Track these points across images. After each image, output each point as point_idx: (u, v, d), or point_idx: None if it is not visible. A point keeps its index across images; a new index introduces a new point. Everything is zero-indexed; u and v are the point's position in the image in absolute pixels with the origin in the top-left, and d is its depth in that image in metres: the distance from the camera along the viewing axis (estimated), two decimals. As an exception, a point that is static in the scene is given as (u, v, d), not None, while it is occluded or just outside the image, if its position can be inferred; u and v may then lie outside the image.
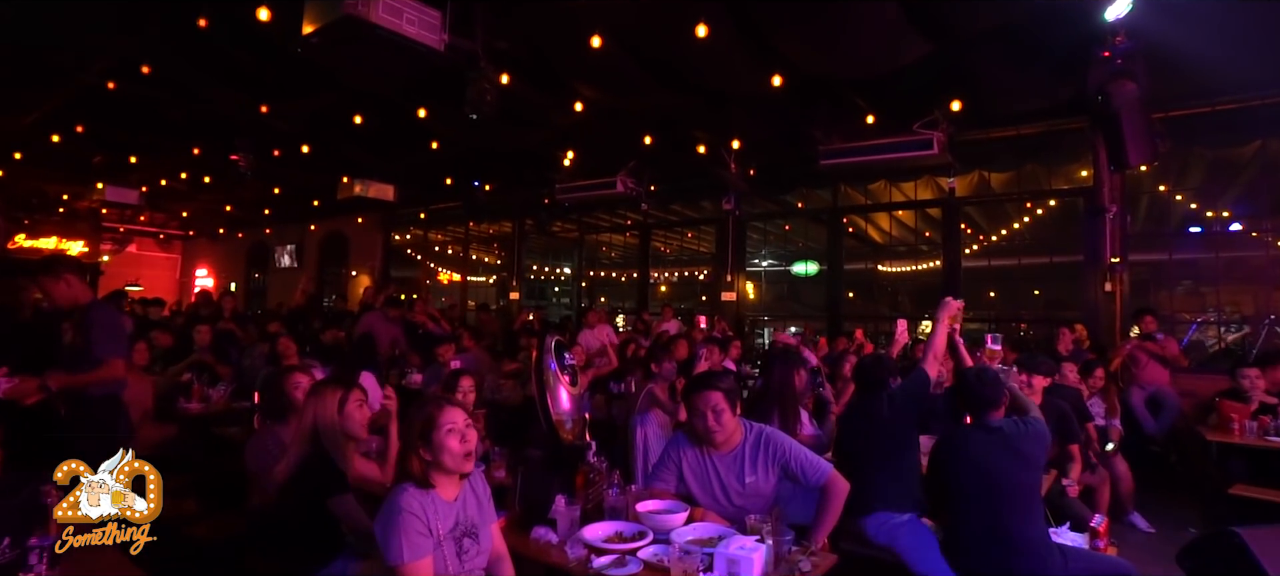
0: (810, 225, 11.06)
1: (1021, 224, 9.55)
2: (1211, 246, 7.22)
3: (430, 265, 15.64)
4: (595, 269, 13.66)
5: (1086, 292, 7.25)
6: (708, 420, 2.65)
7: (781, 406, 3.72)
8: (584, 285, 13.32)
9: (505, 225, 13.50)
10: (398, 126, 8.52)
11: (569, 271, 16.33)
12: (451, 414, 2.13)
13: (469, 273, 14.67)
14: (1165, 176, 7.64)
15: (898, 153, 7.48)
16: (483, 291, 15.16)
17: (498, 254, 15.12)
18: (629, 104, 7.45)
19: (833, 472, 2.62)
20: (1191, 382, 6.41)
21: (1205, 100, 6.60)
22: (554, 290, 18.38)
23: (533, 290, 16.02)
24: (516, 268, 12.81)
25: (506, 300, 12.98)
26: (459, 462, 2.11)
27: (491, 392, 6.18)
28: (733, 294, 9.95)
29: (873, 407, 3.30)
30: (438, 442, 2.09)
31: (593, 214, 12.25)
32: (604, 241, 13.15)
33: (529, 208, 12.50)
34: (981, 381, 3.00)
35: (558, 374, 4.53)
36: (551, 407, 4.30)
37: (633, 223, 11.91)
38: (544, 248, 15.57)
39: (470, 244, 14.37)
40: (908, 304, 14.90)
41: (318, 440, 2.66)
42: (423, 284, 14.97)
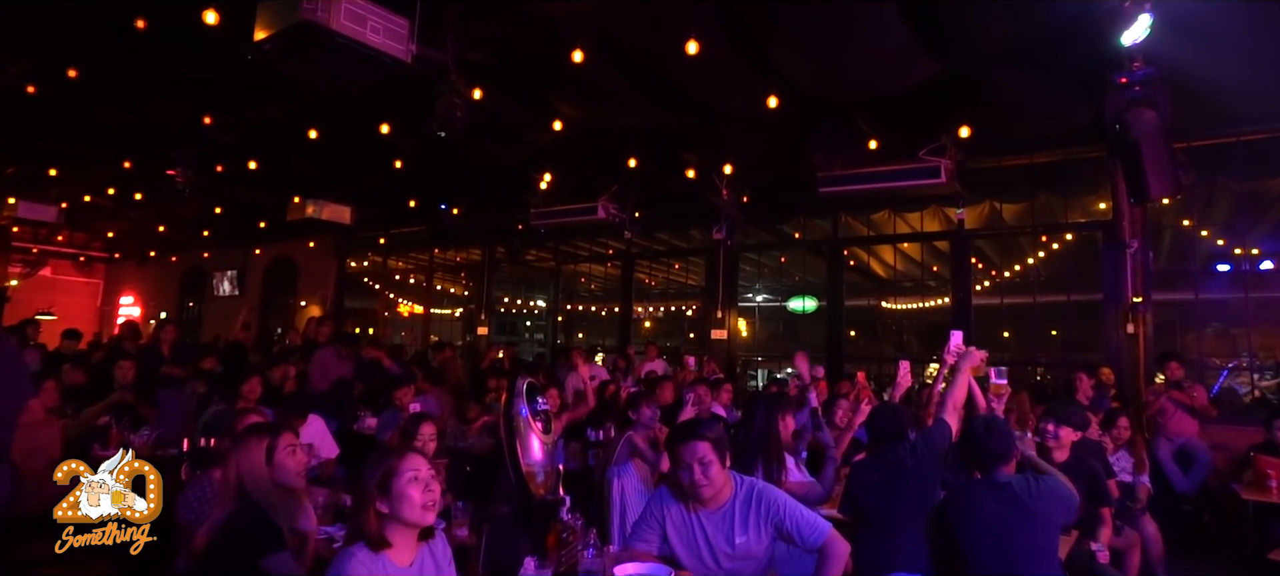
0: (808, 257, 11.12)
1: (1036, 259, 9.68)
2: (1241, 286, 7.35)
3: (389, 295, 15.55)
4: (573, 302, 13.59)
5: (1108, 334, 7.33)
6: (694, 473, 2.61)
7: (765, 454, 3.70)
8: (560, 320, 13.23)
9: (474, 252, 13.45)
10: (357, 142, 8.48)
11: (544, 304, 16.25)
12: (413, 461, 2.13)
13: (433, 304, 14.57)
14: (1189, 210, 7.81)
15: (903, 180, 7.57)
16: (447, 325, 15.02)
17: (465, 284, 15.03)
18: (613, 122, 7.48)
19: (832, 533, 2.59)
20: (1223, 434, 6.45)
21: (1232, 129, 6.78)
22: (526, 325, 18.29)
23: (503, 325, 15.92)
24: (485, 300, 12.72)
25: (474, 335, 12.87)
26: (420, 514, 2.09)
27: (455, 440, 6.12)
28: (723, 331, 9.93)
29: (895, 458, 3.29)
30: (398, 492, 2.07)
31: (571, 241, 12.23)
32: (583, 272, 13.13)
33: (501, 234, 12.47)
34: (990, 433, 2.98)
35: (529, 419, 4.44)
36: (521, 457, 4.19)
37: (614, 252, 11.90)
38: (516, 278, 15.50)
39: (435, 273, 14.28)
40: (914, 344, 14.99)
41: (246, 494, 2.60)
42: (380, 316, 14.81)
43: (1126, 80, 5.29)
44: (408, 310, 16.25)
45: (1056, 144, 7.46)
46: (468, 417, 6.50)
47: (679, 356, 9.49)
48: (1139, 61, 5.18)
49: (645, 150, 8.36)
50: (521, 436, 4.44)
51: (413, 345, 13.61)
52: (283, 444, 2.76)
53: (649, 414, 4.58)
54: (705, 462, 2.62)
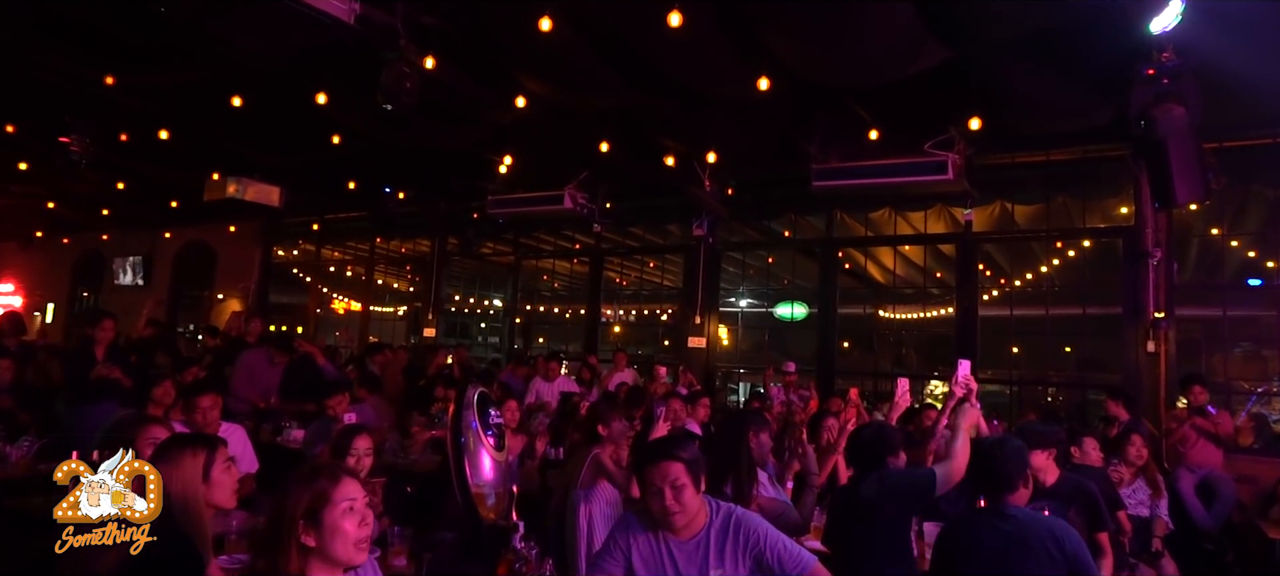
0: (799, 259, 11.17)
1: (1050, 267, 9.82)
2: (1273, 302, 7.53)
3: (323, 290, 15.36)
4: (533, 302, 13.52)
5: (1126, 352, 7.46)
6: (665, 498, 2.59)
7: (736, 472, 3.76)
8: (519, 321, 13.15)
9: (422, 244, 13.34)
10: (289, 114, 8.33)
11: (500, 304, 16.16)
12: (349, 487, 2.04)
13: (373, 301, 14.44)
14: (1218, 218, 7.97)
15: (906, 176, 7.63)
16: (390, 325, 14.87)
17: (411, 279, 14.89)
18: (583, 102, 7.43)
19: (817, 567, 2.60)
20: (1250, 466, 6.59)
21: (1266, 130, 6.95)
22: (480, 327, 18.17)
23: (454, 326, 15.83)
24: (434, 297, 12.61)
25: (420, 337, 12.74)
26: (353, 552, 2.01)
27: (394, 456, 6.09)
28: (702, 339, 9.93)
29: (859, 487, 3.33)
30: (330, 525, 1.98)
31: (533, 234, 12.18)
32: (546, 269, 13.06)
33: (453, 223, 12.40)
34: (1000, 455, 2.99)
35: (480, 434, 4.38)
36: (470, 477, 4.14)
37: (582, 247, 11.86)
38: (470, 274, 15.38)
39: (376, 265, 14.16)
40: (913, 358, 15.16)
41: (168, 517, 2.48)
42: (312, 313, 14.61)
43: (1154, 72, 5.37)
44: (344, 307, 16.09)
45: (1075, 141, 7.57)
46: (410, 431, 6.45)
47: (651, 366, 9.45)
48: (1168, 53, 5.26)
49: (619, 134, 8.33)
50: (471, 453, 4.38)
51: (349, 347, 13.42)
52: (219, 460, 2.69)
53: (619, 427, 4.53)
54: (678, 486, 2.60)
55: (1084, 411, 9.12)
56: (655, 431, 4.50)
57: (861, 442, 3.49)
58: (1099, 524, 4.01)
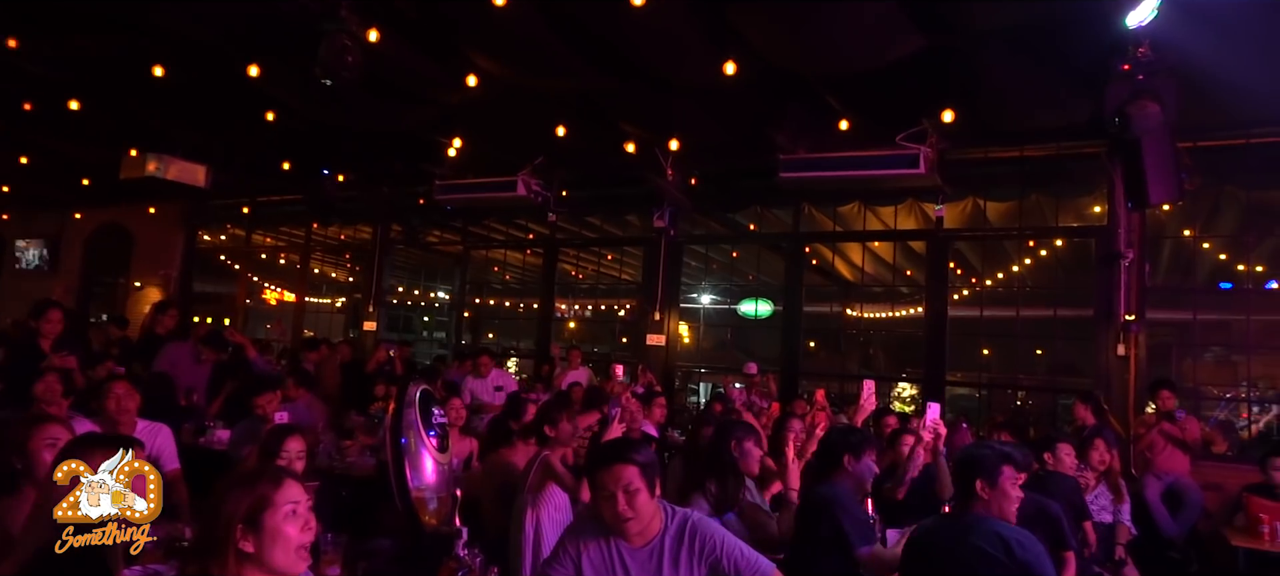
0: (764, 253, 11.28)
1: (1022, 267, 10.09)
2: (1243, 306, 7.83)
3: (253, 279, 15.12)
4: (483, 295, 13.43)
5: (1097, 355, 7.69)
6: (618, 504, 2.60)
7: (720, 474, 3.85)
8: (467, 315, 13.08)
9: (363, 230, 13.19)
10: (217, 87, 8.15)
11: (447, 297, 16.03)
12: (291, 489, 2.04)
13: (308, 292, 14.25)
14: (1192, 220, 8.27)
15: (877, 168, 7.74)
16: (326, 319, 14.67)
17: (350, 269, 14.71)
18: (540, 83, 7.38)
19: (774, 574, 2.65)
20: (1217, 473, 6.86)
21: (1241, 131, 7.18)
22: (424, 321, 18.01)
23: (396, 320, 15.65)
24: (375, 289, 12.46)
25: (359, 331, 12.59)
26: (293, 560, 2.01)
27: (329, 458, 6.07)
28: (661, 337, 9.97)
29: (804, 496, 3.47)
30: (271, 529, 1.97)
31: (483, 223, 12.11)
32: (496, 260, 12.99)
33: (397, 209, 12.27)
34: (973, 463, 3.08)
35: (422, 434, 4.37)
36: (410, 480, 4.13)
37: (536, 237, 11.83)
38: (415, 264, 15.25)
39: (312, 253, 13.96)
40: (881, 359, 15.43)
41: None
42: (241, 304, 14.34)
43: (1130, 67, 5.54)
44: (276, 298, 15.92)
45: (1050, 137, 7.76)
46: (347, 431, 6.41)
47: (608, 365, 9.46)
48: (1145, 48, 5.44)
49: (578, 119, 8.30)
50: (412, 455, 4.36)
51: (282, 341, 13.19)
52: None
53: (568, 429, 4.54)
54: (632, 491, 2.61)
55: (1054, 416, 9.39)
56: (609, 432, 4.51)
57: (822, 444, 3.64)
58: (1062, 543, 4.13)
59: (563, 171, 10.03)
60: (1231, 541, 5.33)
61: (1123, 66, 5.63)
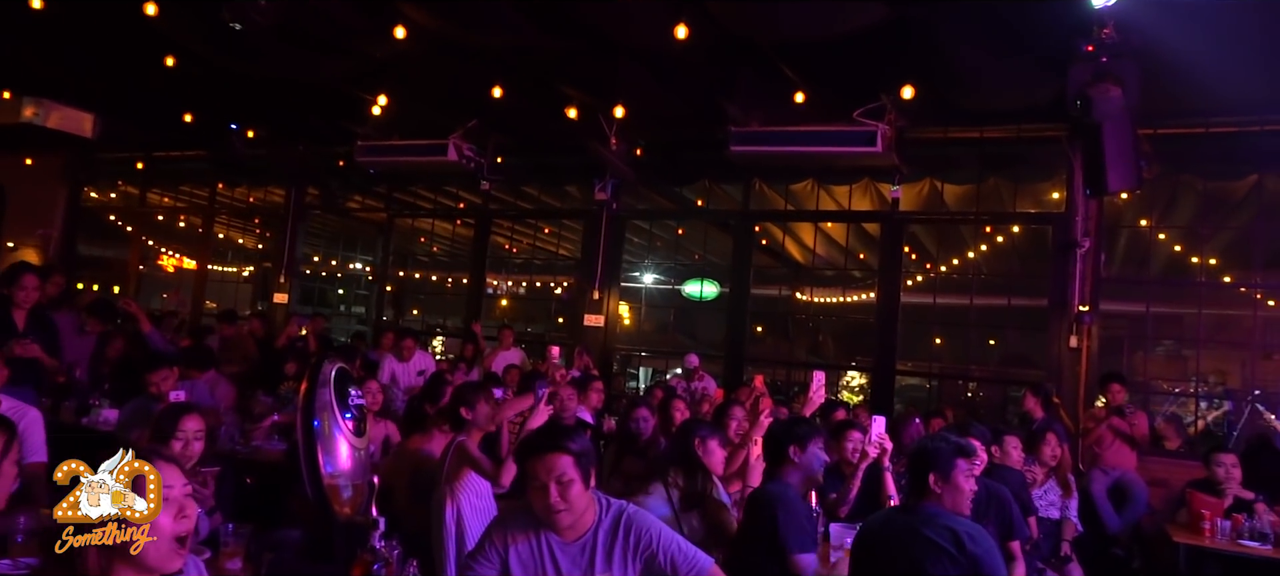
0: (712, 231, 11.37)
1: (978, 253, 10.40)
2: (1195, 299, 8.21)
3: (147, 243, 14.76)
4: (407, 268, 13.28)
5: (1050, 346, 7.97)
6: (551, 495, 2.60)
7: (687, 470, 3.92)
8: (389, 289, 12.91)
9: (274, 193, 12.92)
10: (108, 25, 7.89)
11: (368, 269, 15.79)
12: (165, 473, 1.98)
13: (211, 259, 13.98)
14: (1149, 209, 8.62)
15: (832, 144, 7.86)
16: (231, 289, 14.39)
17: (260, 235, 14.36)
18: (475, 37, 7.28)
19: (713, 571, 2.67)
20: (1163, 469, 7.18)
21: (1199, 120, 7.50)
22: (341, 294, 17.74)
23: (310, 293, 15.37)
24: (287, 258, 12.22)
25: (268, 304, 12.37)
26: (166, 555, 1.96)
27: (232, 441, 6.02)
28: (600, 317, 9.98)
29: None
30: None
31: (409, 188, 11.96)
32: (423, 229, 12.84)
33: (314, 171, 12.05)
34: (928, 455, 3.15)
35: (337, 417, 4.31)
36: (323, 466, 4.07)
37: (467, 206, 11.70)
38: (333, 232, 14.97)
39: (217, 216, 13.70)
40: (830, 346, 15.74)
41: None
42: (133, 270, 13.94)
43: (1093, 49, 5.73)
44: (174, 264, 15.56)
45: (1011, 119, 7.98)
46: (253, 413, 6.34)
47: (542, 346, 9.44)
48: (1109, 29, 5.62)
49: (516, 79, 8.23)
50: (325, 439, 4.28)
51: (180, 312, 12.82)
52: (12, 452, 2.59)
53: (486, 412, 4.50)
54: (565, 481, 2.60)
55: (1005, 408, 9.73)
56: (536, 418, 4.50)
57: (766, 439, 3.69)
58: (1011, 532, 4.29)
59: (498, 136, 9.93)
60: (1173, 537, 5.59)
61: (1086, 47, 5.81)
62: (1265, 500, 5.57)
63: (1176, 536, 5.56)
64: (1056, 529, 5.71)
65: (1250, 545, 5.30)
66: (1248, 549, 5.28)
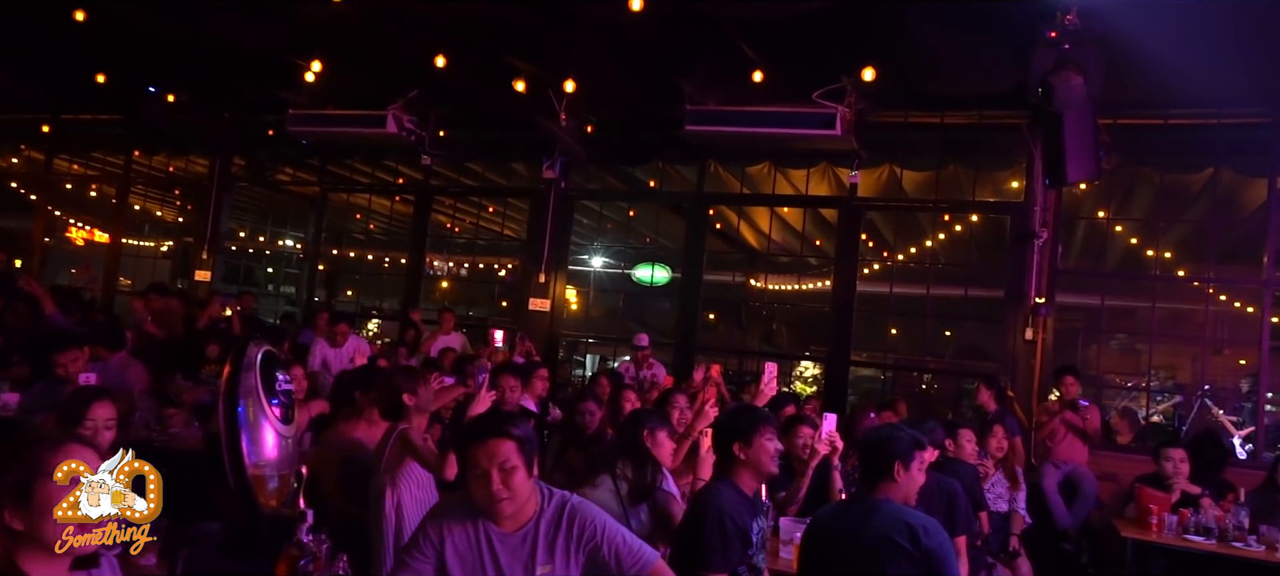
0: (664, 214, 11.42)
1: (936, 242, 10.61)
2: (1150, 293, 8.52)
3: (54, 213, 14.47)
4: (342, 246, 13.12)
5: (1005, 338, 8.20)
6: (493, 483, 2.59)
7: (637, 462, 3.92)
8: (321, 268, 12.76)
9: (197, 163, 12.71)
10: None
11: (299, 247, 15.53)
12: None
13: (127, 232, 13.77)
14: (1107, 200, 8.90)
15: (790, 126, 7.95)
16: (148, 265, 14.06)
17: (180, 208, 14.03)
18: (417, 4, 7.22)
19: (658, 564, 2.69)
20: (1113, 463, 7.45)
21: (1159, 111, 7.76)
22: (269, 272, 17.46)
23: (235, 270, 15.10)
24: (210, 232, 11.99)
25: (189, 281, 12.15)
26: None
27: (148, 429, 5.98)
28: (546, 301, 9.98)
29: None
30: (42, 502, 1.89)
31: (345, 162, 11.80)
32: (359, 205, 12.70)
33: (241, 140, 11.88)
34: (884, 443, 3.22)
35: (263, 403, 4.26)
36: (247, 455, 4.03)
37: (406, 182, 11.59)
38: (261, 206, 14.72)
39: (133, 186, 13.41)
40: (784, 335, 15.95)
41: None
42: (38, 243, 13.59)
43: (1057, 35, 5.90)
44: (84, 237, 15.18)
45: (972, 104, 8.17)
46: (172, 398, 6.28)
47: (485, 331, 9.40)
48: (1072, 15, 5.80)
49: (461, 48, 8.17)
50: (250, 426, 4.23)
51: (91, 289, 12.50)
52: None
53: (427, 398, 4.50)
54: (507, 469, 2.60)
55: (959, 402, 9.98)
56: (477, 405, 4.50)
57: (715, 430, 3.65)
58: (956, 527, 4.41)
59: (440, 108, 9.84)
60: (1121, 532, 5.81)
61: (1050, 33, 5.99)
62: (1211, 495, 5.84)
63: (1124, 531, 5.78)
64: (1005, 522, 5.90)
65: (1195, 540, 5.54)
66: (1192, 543, 5.52)
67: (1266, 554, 5.36)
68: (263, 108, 10.63)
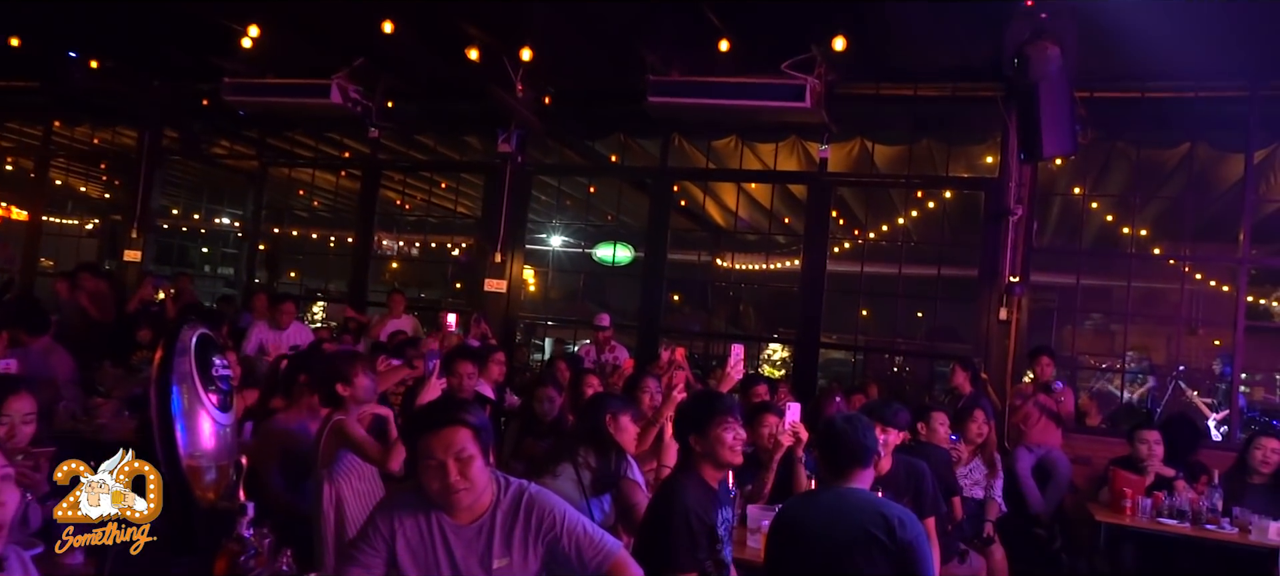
0: (626, 191, 11.41)
1: (908, 219, 10.74)
2: (1125, 271, 8.71)
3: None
4: (283, 224, 12.94)
5: (979, 319, 8.33)
6: (450, 473, 2.58)
7: (600, 449, 3.95)
8: (262, 248, 12.57)
9: (125, 134, 12.45)
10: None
11: (237, 225, 15.30)
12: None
13: (47, 209, 13.46)
14: (1082, 176, 9.05)
15: (758, 98, 7.96)
16: (72, 244, 13.76)
17: (107, 183, 13.74)
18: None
19: (622, 555, 2.71)
20: (1087, 446, 7.62)
21: (1136, 84, 7.88)
22: (205, 253, 17.24)
23: (168, 250, 14.85)
24: (140, 209, 11.74)
25: (118, 262, 11.94)
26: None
27: (74, 419, 5.96)
28: (503, 282, 9.94)
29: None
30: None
31: (286, 134, 11.68)
32: (302, 181, 12.53)
33: (173, 111, 11.62)
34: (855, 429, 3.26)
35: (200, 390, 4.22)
36: (182, 445, 3.98)
37: (353, 156, 11.45)
38: (195, 181, 14.50)
39: (53, 159, 13.13)
40: (752, 316, 16.06)
41: None
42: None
43: (1033, 3, 5.97)
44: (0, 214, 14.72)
45: (946, 77, 8.23)
46: (99, 387, 6.26)
47: (437, 314, 9.35)
48: (1050, -18, 5.87)
49: (410, 14, 8.09)
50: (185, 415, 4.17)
51: (8, 270, 12.21)
52: None
53: (366, 386, 4.46)
54: (464, 457, 2.59)
55: (932, 384, 10.12)
56: (427, 391, 4.48)
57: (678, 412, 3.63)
58: (924, 509, 4.45)
59: (389, 78, 9.72)
60: (1096, 516, 5.94)
61: (1026, 2, 6.05)
62: (1185, 477, 5.99)
63: (1099, 515, 5.91)
64: (980, 509, 6.00)
65: (1169, 523, 5.69)
66: (1166, 527, 5.67)
67: (1239, 536, 5.51)
68: (196, 75, 10.40)
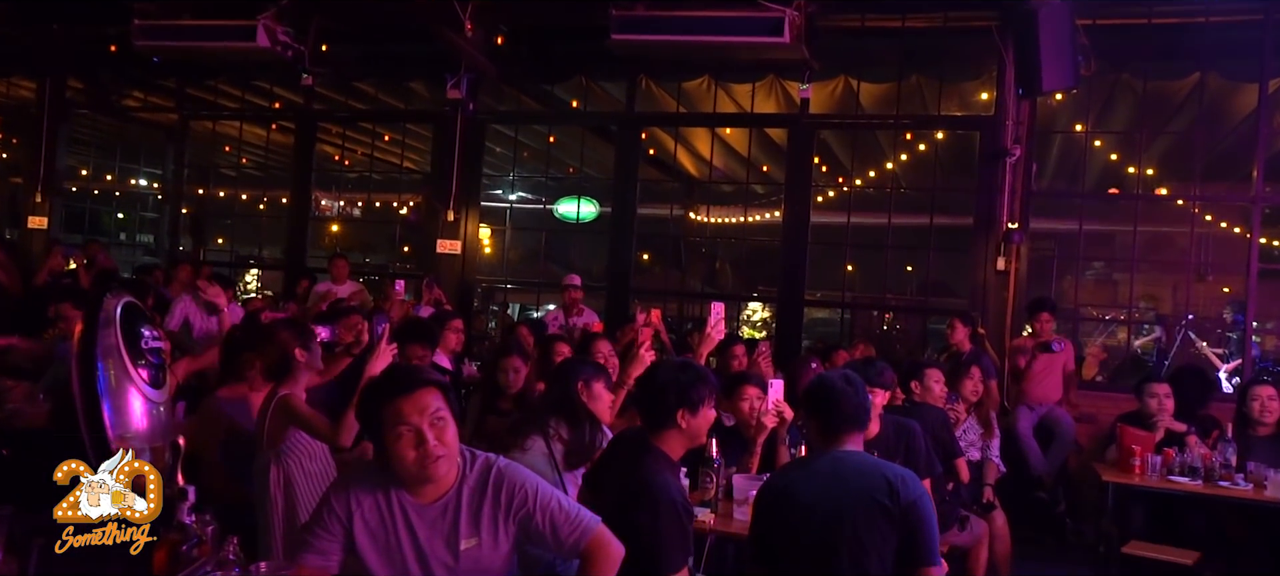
0: (590, 139, 11.36)
1: (897, 164, 10.79)
2: (1130, 215, 8.80)
3: None
4: (208, 184, 12.81)
5: (974, 270, 8.42)
6: (428, 440, 2.57)
7: (573, 420, 3.98)
8: (185, 211, 12.46)
9: (21, 86, 12.36)
10: None
11: (156, 187, 15.09)
12: None
13: None
14: (1084, 112, 9.12)
15: (733, 34, 7.94)
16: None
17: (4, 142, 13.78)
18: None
19: (600, 531, 2.72)
20: (1091, 403, 7.77)
21: (1142, 9, 7.96)
22: (120, 217, 17.02)
23: (78, 216, 14.64)
24: (43, 171, 11.57)
25: (20, 230, 11.84)
26: None
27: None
28: (457, 243, 9.91)
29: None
30: None
31: (208, 83, 11.52)
32: (228, 136, 12.38)
33: (77, 58, 11.48)
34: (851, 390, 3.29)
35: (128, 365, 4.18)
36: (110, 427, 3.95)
37: (284, 107, 11.31)
38: (106, 138, 14.30)
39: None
40: (730, 275, 16.11)
41: None
42: None
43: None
44: None
45: (937, 5, 8.26)
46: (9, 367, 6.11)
47: (384, 280, 9.31)
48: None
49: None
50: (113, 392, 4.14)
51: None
52: None
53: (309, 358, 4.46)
54: (440, 420, 2.58)
55: (925, 342, 10.24)
56: (377, 357, 4.48)
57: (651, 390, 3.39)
58: (918, 470, 4.52)
59: (322, 18, 9.61)
60: (1103, 476, 6.05)
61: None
62: (1196, 432, 6.11)
63: (1105, 475, 6.01)
64: (978, 471, 6.09)
65: (1181, 481, 5.78)
66: (1178, 485, 5.77)
67: (1254, 492, 5.60)
68: (101, 18, 10.26)
